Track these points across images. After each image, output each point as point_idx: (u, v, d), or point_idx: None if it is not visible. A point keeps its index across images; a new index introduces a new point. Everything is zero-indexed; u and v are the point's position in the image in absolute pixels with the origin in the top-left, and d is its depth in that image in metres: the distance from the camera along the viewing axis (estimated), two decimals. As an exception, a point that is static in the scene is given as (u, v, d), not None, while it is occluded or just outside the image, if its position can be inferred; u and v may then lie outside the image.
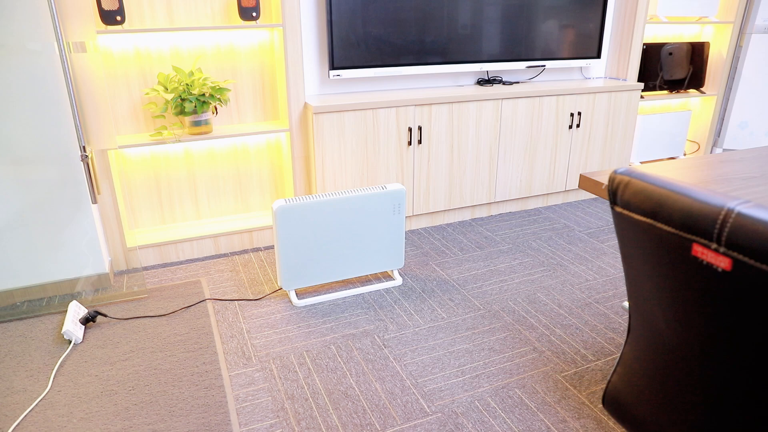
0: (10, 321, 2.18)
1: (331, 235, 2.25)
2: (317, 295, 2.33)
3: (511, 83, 3.24)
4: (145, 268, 2.61)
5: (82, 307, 2.17)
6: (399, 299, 2.31)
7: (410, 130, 2.81)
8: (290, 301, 2.29)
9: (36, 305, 2.30)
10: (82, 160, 1.94)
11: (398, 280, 2.45)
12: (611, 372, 1.07)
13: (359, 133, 2.71)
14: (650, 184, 0.81)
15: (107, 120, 2.14)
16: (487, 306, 2.24)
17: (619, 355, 1.10)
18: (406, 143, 2.83)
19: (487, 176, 3.09)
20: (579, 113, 3.18)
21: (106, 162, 2.38)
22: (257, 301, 2.30)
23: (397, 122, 2.77)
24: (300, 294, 2.35)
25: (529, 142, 3.13)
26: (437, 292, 2.36)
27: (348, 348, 1.97)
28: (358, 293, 2.36)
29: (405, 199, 2.33)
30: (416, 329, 2.08)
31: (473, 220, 3.18)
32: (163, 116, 2.49)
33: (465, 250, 2.78)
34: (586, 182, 1.52)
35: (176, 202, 2.78)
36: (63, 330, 1.99)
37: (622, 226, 0.88)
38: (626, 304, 1.18)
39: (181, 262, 2.67)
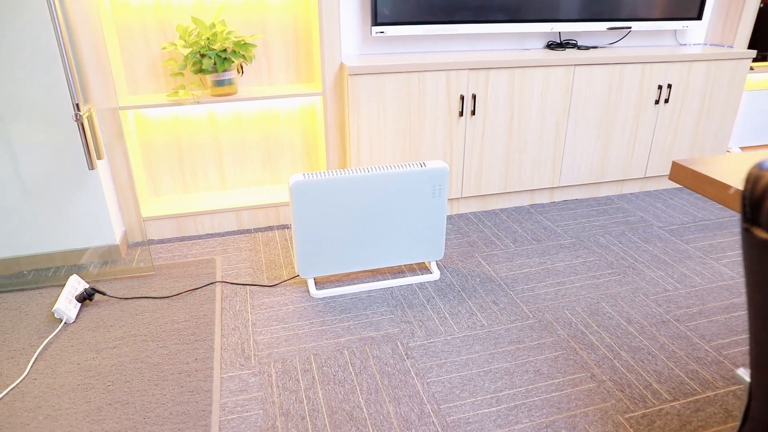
0: (11, 291, 2.02)
1: (357, 218, 1.93)
2: (339, 286, 2.02)
3: (587, 48, 2.75)
4: (161, 241, 2.40)
5: (83, 282, 1.97)
6: (433, 297, 1.97)
7: (462, 98, 2.41)
8: (308, 291, 2.01)
9: (42, 275, 2.14)
10: (76, 119, 1.71)
11: (435, 274, 2.10)
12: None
13: (402, 99, 2.34)
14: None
15: (108, 75, 1.90)
16: (538, 314, 1.86)
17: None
18: (457, 114, 2.43)
19: (551, 156, 2.65)
20: (669, 86, 2.65)
21: (117, 124, 2.16)
22: (271, 288, 2.03)
23: (447, 88, 2.38)
24: (320, 283, 2.05)
25: (604, 117, 2.65)
26: (479, 292, 2.00)
27: (363, 355, 1.66)
28: (387, 287, 2.03)
29: (448, 180, 1.97)
30: (448, 337, 1.74)
31: (532, 206, 2.76)
32: (182, 74, 2.23)
33: (519, 242, 2.38)
34: (680, 173, 1.10)
35: (199, 170, 2.54)
36: (54, 308, 1.80)
37: (766, 259, 0.50)
38: (743, 373, 0.78)
39: (199, 237, 2.44)
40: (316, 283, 2.05)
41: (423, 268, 2.17)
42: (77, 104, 1.69)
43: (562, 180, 2.72)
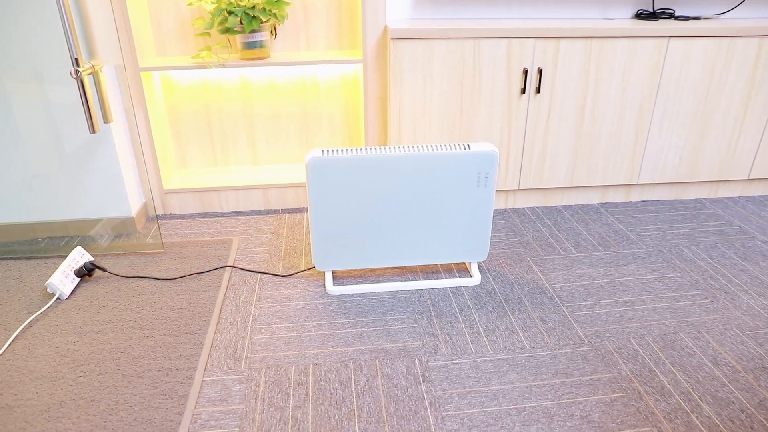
0: (19, 258, 1.91)
1: (385, 206, 1.64)
2: (361, 283, 1.75)
3: (686, 18, 2.28)
4: (182, 216, 2.23)
5: (87, 255, 1.83)
6: (468, 307, 1.65)
7: (526, 72, 2.04)
8: (323, 286, 1.75)
9: (55, 244, 2.02)
10: (75, 76, 1.53)
11: (475, 278, 1.78)
12: None
13: (453, 71, 2.01)
14: None
15: (120, 31, 1.71)
16: (596, 340, 1.50)
17: None
18: (519, 90, 2.07)
19: (631, 147, 2.23)
20: (791, 67, 2.15)
21: (137, 86, 1.99)
22: (284, 279, 1.79)
23: (507, 60, 2.02)
24: (339, 277, 1.79)
25: (702, 103, 2.18)
26: (525, 305, 1.66)
27: (372, 371, 1.38)
28: (415, 288, 1.74)
29: (496, 166, 1.63)
30: (478, 359, 1.43)
31: (602, 205, 2.35)
32: (208, 34, 2.01)
33: (581, 247, 2.00)
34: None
35: (230, 142, 2.34)
36: (47, 282, 1.65)
37: None
38: None
39: (222, 214, 2.25)
40: (334, 278, 1.79)
41: (462, 270, 1.85)
42: (76, 59, 1.51)
43: (642, 176, 2.29)
